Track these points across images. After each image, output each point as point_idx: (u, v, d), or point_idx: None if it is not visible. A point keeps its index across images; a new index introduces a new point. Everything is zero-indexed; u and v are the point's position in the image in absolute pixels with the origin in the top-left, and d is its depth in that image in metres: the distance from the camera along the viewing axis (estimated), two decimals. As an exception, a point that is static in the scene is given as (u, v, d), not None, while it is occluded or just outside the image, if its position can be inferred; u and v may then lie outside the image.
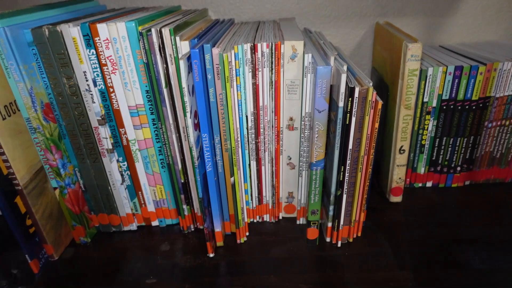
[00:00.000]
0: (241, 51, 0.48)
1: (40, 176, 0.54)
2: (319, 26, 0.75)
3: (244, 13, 0.73)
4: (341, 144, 0.48)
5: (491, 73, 0.59)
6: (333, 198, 0.52)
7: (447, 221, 0.60)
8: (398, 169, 0.62)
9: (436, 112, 0.62)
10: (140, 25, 0.48)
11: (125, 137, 0.54)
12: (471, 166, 0.67)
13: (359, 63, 0.79)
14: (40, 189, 0.54)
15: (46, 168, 0.54)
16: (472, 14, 0.75)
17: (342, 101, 0.46)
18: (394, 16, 0.75)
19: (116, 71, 0.49)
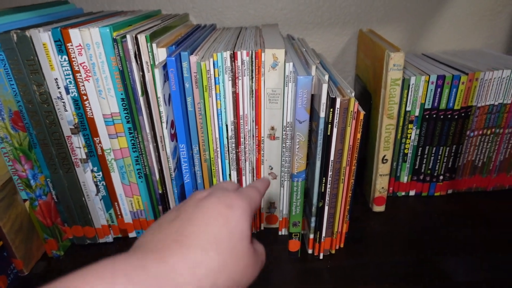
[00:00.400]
0: (221, 59, 0.46)
1: (8, 187, 0.51)
2: (302, 33, 0.74)
3: (226, 19, 0.72)
4: (323, 155, 0.47)
5: (473, 83, 0.59)
6: (315, 210, 0.51)
7: (430, 231, 0.59)
8: (381, 179, 0.61)
9: (419, 121, 0.62)
10: (115, 31, 0.46)
11: (100, 147, 0.52)
12: (454, 175, 0.67)
13: (343, 70, 0.78)
14: (8, 201, 0.51)
15: (15, 179, 0.51)
16: (455, 22, 0.75)
17: (323, 111, 0.44)
18: (377, 24, 0.74)
19: (89, 78, 0.47)
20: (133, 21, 0.54)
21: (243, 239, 0.27)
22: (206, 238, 0.25)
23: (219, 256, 0.25)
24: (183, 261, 0.23)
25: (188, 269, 0.23)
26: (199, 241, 0.25)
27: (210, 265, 0.24)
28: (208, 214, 0.27)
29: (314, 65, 0.47)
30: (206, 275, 0.23)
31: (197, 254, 0.24)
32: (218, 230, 0.26)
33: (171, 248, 0.24)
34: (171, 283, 0.22)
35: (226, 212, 0.27)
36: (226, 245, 0.25)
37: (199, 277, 0.23)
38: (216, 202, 0.28)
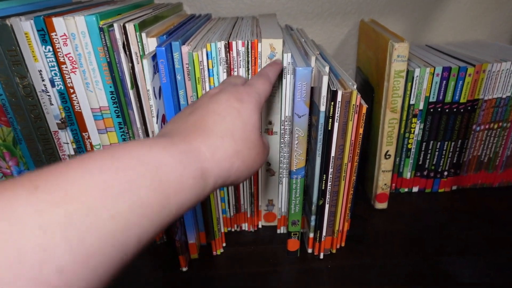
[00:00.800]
0: (215, 50, 0.44)
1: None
2: (301, 23, 0.71)
3: (221, 8, 0.69)
4: (323, 151, 0.45)
5: (480, 75, 0.56)
6: (315, 208, 0.49)
7: (434, 229, 0.57)
8: (384, 175, 0.59)
9: (423, 115, 0.60)
10: (102, 20, 0.43)
11: (89, 142, 0.50)
12: (459, 171, 0.64)
13: (343, 62, 0.76)
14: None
15: (0, 176, 0.49)
16: (460, 13, 0.72)
17: (323, 105, 0.42)
18: (379, 14, 0.71)
19: (76, 70, 0.45)
20: (122, 10, 0.51)
21: (254, 130, 0.30)
22: (222, 128, 0.28)
23: (235, 143, 0.28)
24: (204, 144, 0.26)
25: (209, 151, 0.26)
26: (217, 130, 0.27)
27: (227, 150, 0.27)
28: (222, 108, 0.29)
29: (313, 56, 0.44)
30: (224, 158, 0.26)
31: (216, 140, 0.27)
32: (233, 122, 0.28)
33: (194, 133, 0.27)
34: (196, 159, 0.24)
35: (238, 106, 0.30)
36: (240, 135, 0.28)
37: (217, 159, 0.26)
38: (228, 97, 0.30)
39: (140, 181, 0.20)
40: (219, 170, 0.26)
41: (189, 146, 0.25)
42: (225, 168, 0.26)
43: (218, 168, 0.26)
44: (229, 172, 0.27)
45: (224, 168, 0.26)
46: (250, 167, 0.29)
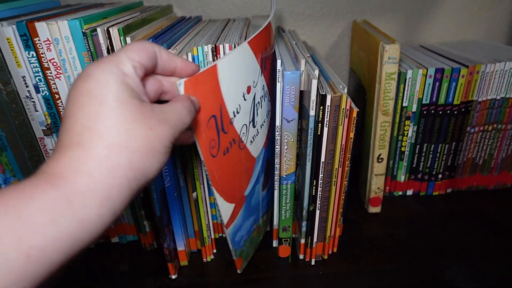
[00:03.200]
0: (201, 53, 0.43)
1: (-22, 193, 0.48)
2: (293, 25, 0.70)
3: (211, 10, 0.68)
4: (313, 156, 0.44)
5: (474, 76, 0.56)
6: (306, 213, 0.48)
7: (429, 233, 0.56)
8: (377, 179, 0.58)
9: (416, 117, 0.59)
10: (87, 24, 0.43)
11: (76, 149, 0.49)
12: (453, 173, 0.63)
13: (336, 64, 0.75)
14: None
15: (-15, 184, 0.48)
16: (454, 12, 0.72)
17: (313, 109, 0.41)
18: (372, 14, 0.71)
19: (61, 76, 0.44)
20: (109, 13, 0.50)
21: (110, 103, 0.22)
22: (79, 124, 0.21)
23: (97, 139, 0.21)
24: (58, 165, 0.21)
25: (66, 168, 0.20)
26: (67, 140, 0.21)
27: (92, 152, 0.21)
28: (70, 98, 0.22)
29: (303, 59, 0.44)
30: (95, 166, 0.21)
31: (71, 153, 0.21)
32: (84, 110, 0.22)
33: (49, 161, 0.21)
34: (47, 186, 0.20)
35: (86, 85, 0.22)
36: (102, 121, 0.21)
37: (83, 171, 0.20)
38: (78, 78, 0.23)
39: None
40: (94, 183, 0.20)
41: (34, 178, 0.20)
42: (103, 175, 0.21)
43: (90, 182, 0.20)
44: (114, 174, 0.21)
45: (101, 175, 0.21)
46: (150, 152, 0.23)
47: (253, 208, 0.47)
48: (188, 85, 0.28)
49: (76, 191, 0.20)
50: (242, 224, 0.45)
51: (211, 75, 0.31)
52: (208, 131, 0.32)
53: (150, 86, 0.28)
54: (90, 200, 0.20)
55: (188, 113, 0.27)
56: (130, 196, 0.23)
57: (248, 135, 0.40)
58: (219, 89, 0.32)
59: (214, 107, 0.32)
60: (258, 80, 0.39)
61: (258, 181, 0.46)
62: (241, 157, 0.40)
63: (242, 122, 0.38)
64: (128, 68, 0.24)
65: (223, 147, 0.35)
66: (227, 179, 0.38)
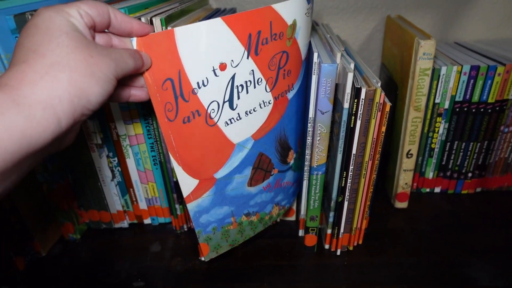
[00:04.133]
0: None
1: (25, 170, 0.51)
2: (326, 18, 0.71)
3: (246, 2, 0.69)
4: (344, 148, 0.45)
5: (510, 74, 0.55)
6: (334, 204, 0.49)
7: (455, 231, 0.56)
8: (405, 174, 0.58)
9: (448, 115, 0.58)
10: (131, 14, 0.45)
11: (115, 132, 0.51)
12: (484, 173, 0.63)
13: (368, 58, 0.75)
14: (26, 183, 0.51)
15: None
16: (491, 9, 0.70)
17: (347, 102, 0.42)
18: (406, 9, 0.70)
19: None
20: (149, 4, 0.52)
21: (54, 32, 0.26)
22: (21, 54, 0.25)
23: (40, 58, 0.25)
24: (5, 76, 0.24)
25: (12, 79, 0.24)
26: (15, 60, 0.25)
27: (35, 67, 0.24)
28: (20, 38, 0.26)
29: (339, 52, 0.44)
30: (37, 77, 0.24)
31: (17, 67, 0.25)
32: (28, 35, 0.26)
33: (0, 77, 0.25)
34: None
35: (31, 22, 0.26)
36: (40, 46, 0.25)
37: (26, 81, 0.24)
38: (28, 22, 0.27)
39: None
40: (37, 89, 0.24)
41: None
42: (43, 86, 0.24)
43: (34, 89, 0.24)
44: (54, 87, 0.24)
45: (41, 86, 0.24)
46: (89, 78, 0.26)
47: (230, 198, 0.45)
48: (141, 42, 0.30)
49: (20, 95, 0.23)
50: (210, 209, 0.44)
51: (167, 38, 0.32)
52: (163, 93, 0.34)
53: (99, 39, 0.31)
54: (34, 104, 0.23)
55: (130, 56, 0.30)
56: (74, 113, 0.26)
57: (221, 115, 0.38)
58: (177, 54, 0.33)
59: (170, 71, 0.33)
60: (241, 62, 0.37)
61: (239, 171, 0.44)
62: (210, 134, 0.39)
63: (212, 97, 0.37)
64: (73, 12, 0.27)
65: (183, 114, 0.36)
66: (188, 150, 0.38)
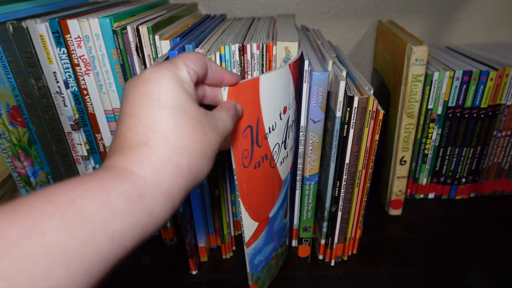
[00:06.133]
0: (229, 52, 0.43)
1: (8, 184, 0.49)
2: (317, 24, 0.70)
3: (236, 9, 0.68)
4: (337, 157, 0.44)
5: (503, 79, 0.54)
6: (327, 214, 0.48)
7: (450, 237, 0.55)
8: (399, 181, 0.57)
9: (441, 120, 0.58)
10: (116, 22, 0.43)
11: (102, 143, 0.50)
12: (477, 178, 0.62)
13: (359, 63, 0.74)
14: (8, 198, 0.49)
15: (15, 176, 0.49)
16: (483, 13, 0.70)
17: (339, 110, 0.41)
18: (398, 14, 0.70)
19: (89, 72, 0.45)
20: (136, 11, 0.51)
21: (171, 108, 0.23)
22: (140, 131, 0.23)
23: (165, 140, 0.23)
24: (128, 161, 0.22)
25: (136, 165, 0.22)
26: (136, 136, 0.23)
27: (159, 154, 0.23)
28: (131, 101, 0.24)
29: (331, 60, 0.43)
30: (161, 166, 0.22)
31: (141, 149, 0.23)
32: (147, 114, 0.23)
33: (115, 156, 0.23)
34: (123, 179, 0.21)
35: (145, 89, 0.24)
36: (166, 125, 0.23)
37: (152, 169, 0.22)
38: (133, 81, 0.24)
39: (46, 222, 0.17)
40: (160, 179, 0.22)
41: (109, 170, 0.22)
42: (168, 174, 0.22)
43: (157, 178, 0.22)
44: (177, 175, 0.23)
45: (166, 175, 0.22)
46: (203, 158, 0.24)
47: (275, 233, 0.46)
48: (231, 92, 0.30)
49: (146, 186, 0.21)
50: (263, 248, 0.44)
51: (252, 86, 0.32)
52: (243, 141, 0.33)
53: (197, 92, 0.29)
54: (157, 196, 0.22)
55: (232, 121, 0.29)
56: (185, 195, 0.24)
57: (279, 156, 0.40)
58: (259, 101, 0.33)
59: (251, 118, 0.33)
60: (292, 104, 0.39)
61: (282, 205, 0.45)
62: (271, 175, 0.40)
63: (276, 140, 0.38)
64: (184, 74, 0.25)
65: (255, 160, 0.36)
66: (254, 194, 0.38)
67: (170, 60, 0.26)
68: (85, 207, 0.19)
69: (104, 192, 0.20)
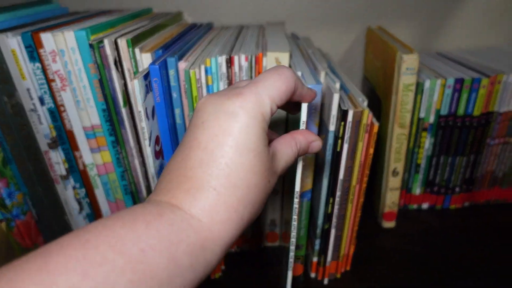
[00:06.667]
0: (215, 65, 0.41)
1: (-19, 207, 0.46)
2: (306, 30, 0.68)
3: (223, 17, 0.66)
4: (331, 173, 0.42)
5: (495, 86, 0.53)
6: (319, 231, 0.46)
7: (446, 249, 0.54)
8: (391, 193, 0.56)
9: (434, 129, 0.56)
10: (94, 34, 0.41)
11: (82, 161, 0.47)
12: (471, 187, 0.61)
13: (350, 70, 0.73)
14: (-19, 222, 0.46)
15: (-12, 198, 0.46)
16: (473, 18, 0.69)
17: (333, 124, 0.39)
18: (387, 20, 0.68)
19: (66, 88, 0.42)
20: (117, 22, 0.48)
21: (256, 156, 0.22)
22: (212, 172, 0.21)
23: (235, 189, 0.22)
24: (195, 206, 0.21)
25: (203, 213, 0.21)
26: (206, 177, 0.21)
27: (227, 203, 0.21)
28: (206, 134, 0.22)
29: (323, 71, 0.42)
30: (226, 217, 0.21)
31: (209, 194, 0.21)
32: (223, 155, 0.22)
33: (180, 189, 0.22)
34: (189, 229, 0.20)
35: (227, 125, 0.22)
36: (238, 173, 0.22)
37: (217, 221, 0.21)
38: (214, 110, 0.23)
39: (117, 279, 0.16)
40: (224, 232, 0.21)
41: (177, 214, 0.20)
42: (231, 227, 0.21)
43: (221, 230, 0.21)
44: (238, 227, 0.22)
45: (229, 227, 0.21)
46: (261, 204, 0.23)
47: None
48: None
49: (209, 238, 0.21)
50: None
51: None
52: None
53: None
54: (217, 248, 0.21)
55: (295, 158, 0.27)
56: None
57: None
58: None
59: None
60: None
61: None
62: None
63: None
64: (267, 111, 0.23)
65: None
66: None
67: (254, 90, 0.23)
68: (155, 261, 0.18)
69: (172, 246, 0.19)
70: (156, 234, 0.19)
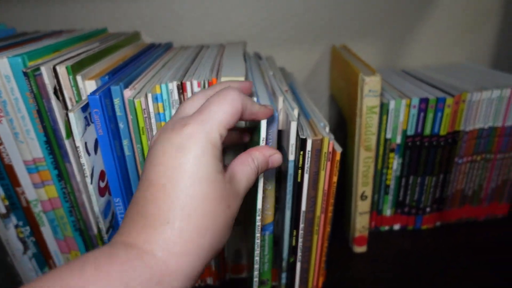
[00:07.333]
0: (166, 92, 0.38)
1: None
2: (269, 50, 0.67)
3: (181, 37, 0.64)
4: (293, 204, 0.39)
5: (460, 105, 0.53)
6: (285, 265, 0.43)
7: (418, 271, 0.52)
8: (361, 217, 0.54)
9: (401, 150, 0.55)
10: (33, 60, 0.37)
11: (24, 198, 0.43)
12: (442, 206, 0.60)
13: (315, 90, 0.71)
14: None
15: None
16: (436, 35, 0.69)
17: (292, 154, 0.37)
18: (351, 38, 0.67)
19: (2, 119, 0.38)
20: (64, 45, 0.45)
21: (210, 184, 0.22)
22: (166, 206, 0.21)
23: (191, 220, 0.21)
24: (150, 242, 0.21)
25: (158, 247, 0.21)
26: (160, 213, 0.21)
27: (184, 236, 0.21)
28: (156, 173, 0.22)
29: (281, 96, 0.39)
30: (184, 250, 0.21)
31: (164, 229, 0.21)
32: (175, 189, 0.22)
33: (136, 226, 0.22)
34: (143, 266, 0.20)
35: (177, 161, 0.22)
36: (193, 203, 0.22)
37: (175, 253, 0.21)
38: (163, 147, 0.23)
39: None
40: (183, 264, 0.21)
41: (130, 253, 0.20)
42: (190, 258, 0.21)
43: (180, 263, 0.21)
44: (199, 258, 0.22)
45: (188, 259, 0.21)
46: (223, 230, 0.23)
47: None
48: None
49: (166, 272, 0.20)
50: None
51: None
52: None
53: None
54: (176, 281, 0.21)
55: (256, 176, 0.27)
56: (203, 272, 0.23)
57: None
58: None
59: None
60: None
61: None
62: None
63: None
64: (216, 140, 0.23)
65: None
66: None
67: (200, 119, 0.23)
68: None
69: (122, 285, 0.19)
70: (105, 276, 0.19)
